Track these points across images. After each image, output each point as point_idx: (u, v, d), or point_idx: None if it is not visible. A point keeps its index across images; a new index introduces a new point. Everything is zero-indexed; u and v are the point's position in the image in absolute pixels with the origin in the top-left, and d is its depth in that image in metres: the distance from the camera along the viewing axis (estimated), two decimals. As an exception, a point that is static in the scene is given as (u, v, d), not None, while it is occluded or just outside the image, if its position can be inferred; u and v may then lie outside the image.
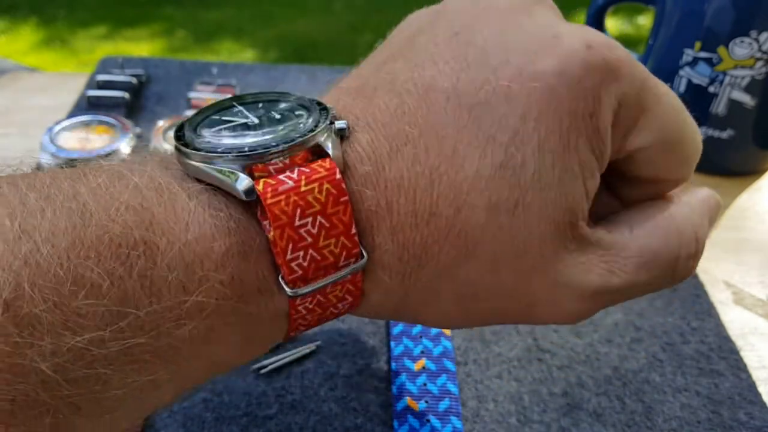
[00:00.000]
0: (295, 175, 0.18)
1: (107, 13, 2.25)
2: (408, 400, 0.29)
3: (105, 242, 0.16)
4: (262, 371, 0.30)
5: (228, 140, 0.19)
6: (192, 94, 0.49)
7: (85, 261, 0.15)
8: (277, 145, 0.18)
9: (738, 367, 0.31)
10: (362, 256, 0.19)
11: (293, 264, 0.18)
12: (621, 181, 0.23)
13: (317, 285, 0.19)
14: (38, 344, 0.15)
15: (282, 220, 0.18)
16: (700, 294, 0.35)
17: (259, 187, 0.18)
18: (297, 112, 0.20)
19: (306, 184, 0.18)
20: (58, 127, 0.42)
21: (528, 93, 0.19)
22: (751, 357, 0.32)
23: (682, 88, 0.43)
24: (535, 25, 0.20)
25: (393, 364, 0.30)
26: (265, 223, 0.18)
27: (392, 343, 0.31)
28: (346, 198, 0.19)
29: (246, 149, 0.18)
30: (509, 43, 0.20)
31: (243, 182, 0.18)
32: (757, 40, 0.39)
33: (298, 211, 0.18)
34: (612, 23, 2.01)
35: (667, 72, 0.43)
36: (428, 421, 0.28)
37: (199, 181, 0.18)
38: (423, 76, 0.20)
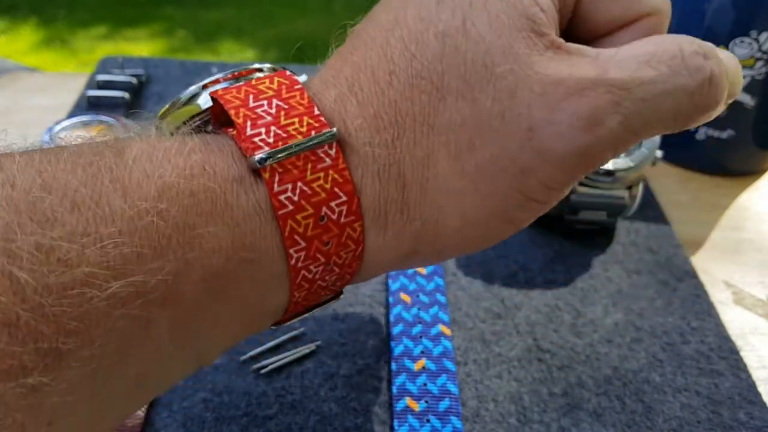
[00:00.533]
0: (246, 80, 0.21)
1: (107, 13, 2.25)
2: (408, 400, 0.29)
3: (74, 158, 0.17)
4: (262, 371, 0.30)
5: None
6: (192, 94, 0.49)
7: (56, 174, 0.17)
8: (229, 72, 0.21)
9: (738, 367, 0.31)
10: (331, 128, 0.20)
11: (256, 139, 0.19)
12: (598, 39, 0.22)
13: (284, 150, 0.19)
14: (11, 248, 0.15)
15: (235, 103, 0.20)
16: (700, 294, 0.35)
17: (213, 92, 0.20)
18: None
19: (257, 81, 0.21)
20: (58, 127, 0.42)
21: None
22: (751, 357, 0.32)
23: (682, 88, 0.43)
24: None
25: (393, 364, 0.30)
26: (230, 129, 0.20)
27: (392, 343, 0.31)
28: (300, 86, 0.20)
29: (203, 83, 0.21)
30: None
31: (202, 97, 0.20)
32: (757, 40, 0.39)
33: (251, 96, 0.20)
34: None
35: (667, 72, 0.43)
36: (428, 421, 0.28)
37: None
38: (368, 13, 0.22)
